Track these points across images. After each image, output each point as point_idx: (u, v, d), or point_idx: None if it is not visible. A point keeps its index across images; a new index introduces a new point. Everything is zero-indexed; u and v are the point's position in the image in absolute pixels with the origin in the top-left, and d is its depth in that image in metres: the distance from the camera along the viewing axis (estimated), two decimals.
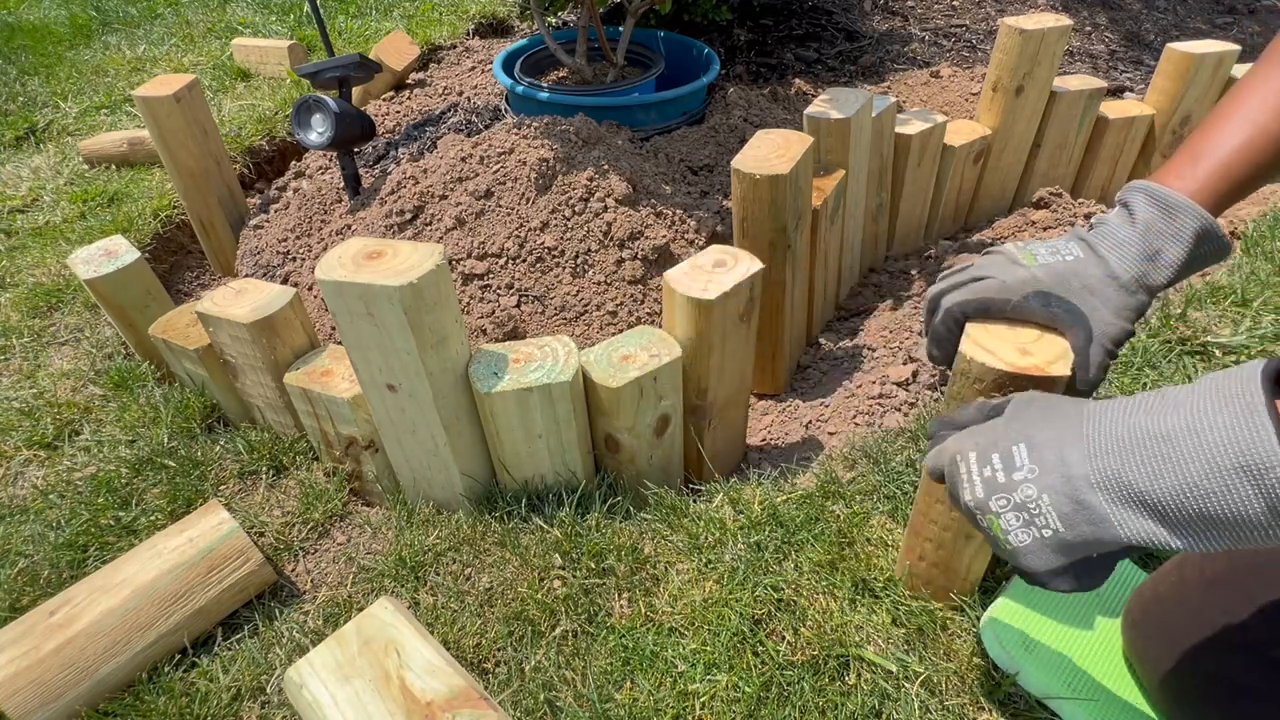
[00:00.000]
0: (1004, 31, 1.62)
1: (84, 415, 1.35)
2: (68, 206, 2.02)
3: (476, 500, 1.10)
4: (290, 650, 0.94)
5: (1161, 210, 0.64)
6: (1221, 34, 2.86)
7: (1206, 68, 1.72)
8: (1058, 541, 0.51)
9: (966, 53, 2.67)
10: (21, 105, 2.67)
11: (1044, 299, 0.66)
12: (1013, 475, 0.53)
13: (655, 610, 0.93)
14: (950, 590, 0.89)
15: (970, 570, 0.86)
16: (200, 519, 1.01)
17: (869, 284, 1.76)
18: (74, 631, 0.88)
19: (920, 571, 0.89)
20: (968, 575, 0.87)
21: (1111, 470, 0.48)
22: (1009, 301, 0.67)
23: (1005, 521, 0.53)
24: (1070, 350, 0.66)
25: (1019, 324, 0.68)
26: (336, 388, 1.07)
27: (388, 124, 2.23)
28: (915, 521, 0.86)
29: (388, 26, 2.97)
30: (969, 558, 0.84)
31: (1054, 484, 0.51)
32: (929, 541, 0.85)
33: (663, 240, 1.50)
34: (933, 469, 0.61)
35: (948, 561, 0.85)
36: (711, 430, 1.16)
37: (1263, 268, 1.53)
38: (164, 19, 3.46)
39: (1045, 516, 0.51)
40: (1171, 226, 0.63)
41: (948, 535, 0.82)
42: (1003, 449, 0.54)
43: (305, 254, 1.67)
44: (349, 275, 0.85)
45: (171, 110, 1.64)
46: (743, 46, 2.65)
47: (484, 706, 0.77)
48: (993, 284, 0.68)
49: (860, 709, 0.81)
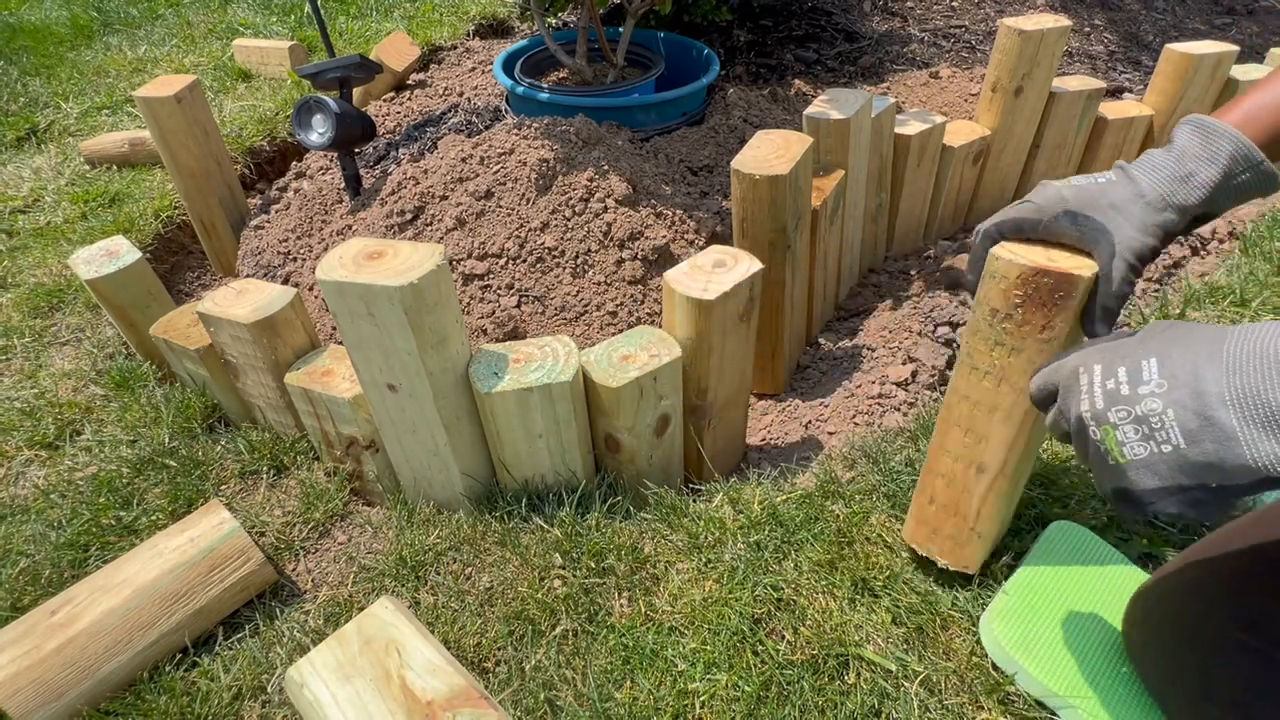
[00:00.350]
0: (1003, 32, 1.63)
1: (85, 415, 1.36)
2: (69, 207, 2.02)
3: (477, 500, 1.10)
4: (291, 649, 0.94)
5: (1200, 135, 0.67)
6: (1220, 35, 2.87)
7: (1205, 68, 1.72)
8: (1177, 458, 0.49)
9: (966, 53, 2.68)
10: (23, 106, 2.67)
11: (1072, 218, 0.68)
12: (1138, 389, 0.51)
13: (655, 609, 0.93)
14: (958, 543, 0.90)
15: (979, 515, 0.87)
16: (201, 519, 1.01)
17: (868, 284, 1.77)
18: (75, 631, 0.89)
19: (929, 518, 0.91)
20: (976, 521, 0.87)
21: (1250, 387, 0.46)
22: (1040, 221, 0.70)
23: (1122, 433, 0.51)
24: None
25: (1052, 245, 0.71)
26: (337, 388, 1.07)
27: (388, 124, 2.24)
28: (930, 458, 0.88)
29: (388, 27, 2.98)
30: (979, 497, 0.85)
31: (1182, 399, 0.49)
32: (940, 477, 0.87)
33: (663, 240, 1.50)
34: (1041, 386, 0.61)
35: (957, 502, 0.87)
36: (711, 430, 1.16)
37: (1261, 268, 1.53)
38: (165, 20, 3.47)
39: (1168, 431, 0.49)
40: (1207, 149, 0.66)
41: (959, 467, 0.85)
42: (1131, 363, 0.53)
43: (306, 254, 1.68)
44: (350, 275, 0.85)
45: (173, 111, 1.64)
46: (742, 47, 2.66)
47: (484, 706, 0.77)
48: (1028, 206, 0.72)
49: (860, 708, 0.81)
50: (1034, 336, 0.72)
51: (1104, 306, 0.68)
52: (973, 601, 0.91)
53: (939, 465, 0.87)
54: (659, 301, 1.49)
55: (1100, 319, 0.69)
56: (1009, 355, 0.74)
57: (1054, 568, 0.92)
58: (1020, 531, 1.01)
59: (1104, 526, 1.02)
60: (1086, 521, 1.02)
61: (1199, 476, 0.49)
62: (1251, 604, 0.67)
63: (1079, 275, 0.67)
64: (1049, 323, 0.70)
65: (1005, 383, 0.76)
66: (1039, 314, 0.70)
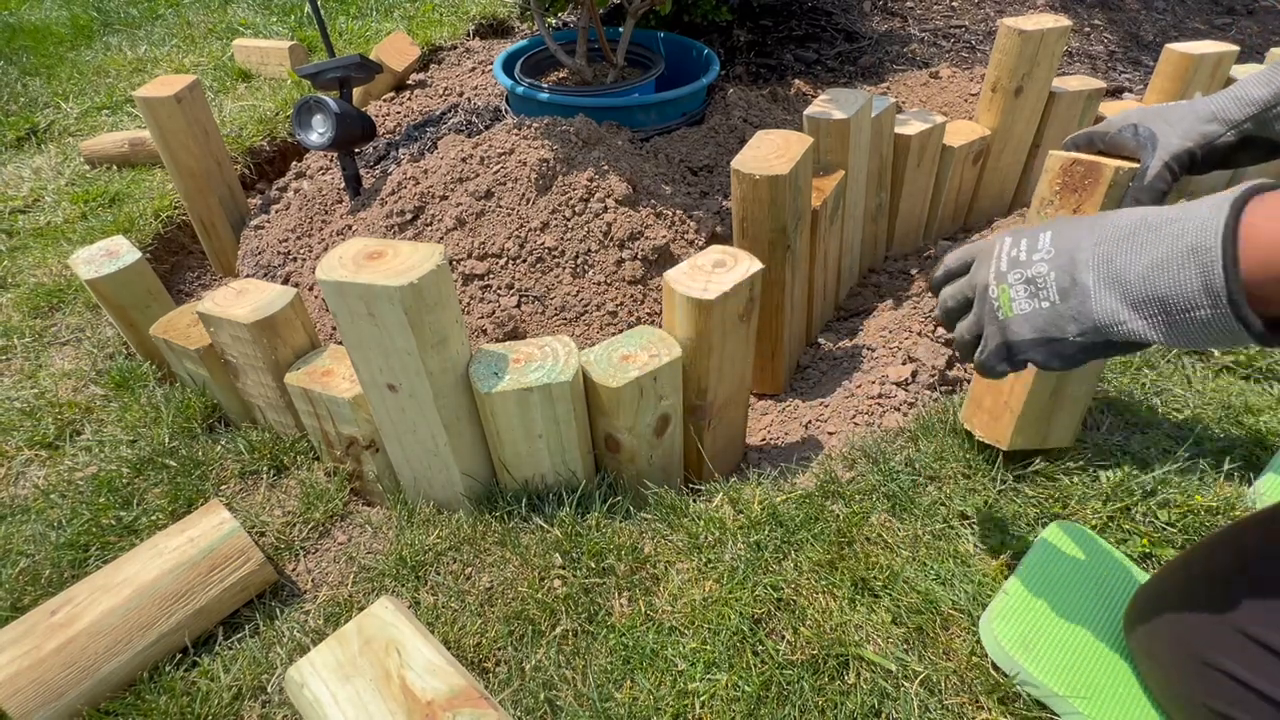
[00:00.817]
0: (1003, 32, 1.63)
1: (85, 415, 1.36)
2: (69, 207, 2.02)
3: (477, 500, 1.10)
4: (291, 649, 0.94)
5: (1270, 67, 0.76)
6: (1220, 35, 2.87)
7: (1205, 68, 1.72)
8: (1051, 313, 0.59)
9: (966, 53, 2.68)
10: (23, 106, 2.68)
11: (1133, 129, 0.79)
12: (1033, 256, 0.61)
13: (655, 609, 0.93)
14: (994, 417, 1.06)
15: (1012, 391, 1.03)
16: (201, 519, 1.01)
17: (868, 284, 1.77)
18: (75, 631, 0.89)
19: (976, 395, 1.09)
20: (1009, 397, 1.03)
21: (1106, 254, 0.55)
22: (1107, 133, 0.82)
23: (1015, 291, 0.62)
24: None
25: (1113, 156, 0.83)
26: (337, 388, 1.07)
27: (388, 124, 2.24)
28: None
29: (388, 27, 2.98)
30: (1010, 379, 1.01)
31: (1062, 263, 0.58)
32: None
33: (663, 240, 1.50)
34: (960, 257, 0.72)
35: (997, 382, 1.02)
36: (711, 430, 1.16)
37: None
38: (165, 20, 3.47)
39: (1048, 290, 0.59)
40: (1266, 74, 0.75)
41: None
42: (1032, 237, 0.63)
43: (306, 254, 1.68)
44: (350, 275, 0.85)
45: (173, 111, 1.64)
46: (742, 47, 2.66)
47: (484, 706, 0.77)
48: (1100, 124, 0.84)
49: (860, 708, 0.81)
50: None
51: (1135, 199, 0.78)
52: (973, 601, 0.91)
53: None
54: (659, 301, 1.49)
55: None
56: None
57: (1054, 567, 0.92)
58: (1021, 531, 1.01)
59: (1104, 526, 1.02)
60: (1086, 521, 1.02)
61: (1064, 330, 0.59)
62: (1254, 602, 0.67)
63: (1105, 164, 0.80)
64: (1079, 207, 0.83)
65: None
66: (1072, 198, 0.83)
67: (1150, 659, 0.78)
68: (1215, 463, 1.10)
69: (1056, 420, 1.07)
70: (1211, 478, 1.08)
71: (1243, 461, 1.11)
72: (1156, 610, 0.78)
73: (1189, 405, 1.23)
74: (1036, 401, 1.03)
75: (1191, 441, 1.14)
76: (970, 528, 1.02)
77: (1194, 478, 1.08)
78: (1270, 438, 1.16)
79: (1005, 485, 1.07)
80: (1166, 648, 0.75)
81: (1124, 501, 1.04)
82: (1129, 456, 1.12)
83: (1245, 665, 0.66)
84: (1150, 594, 0.80)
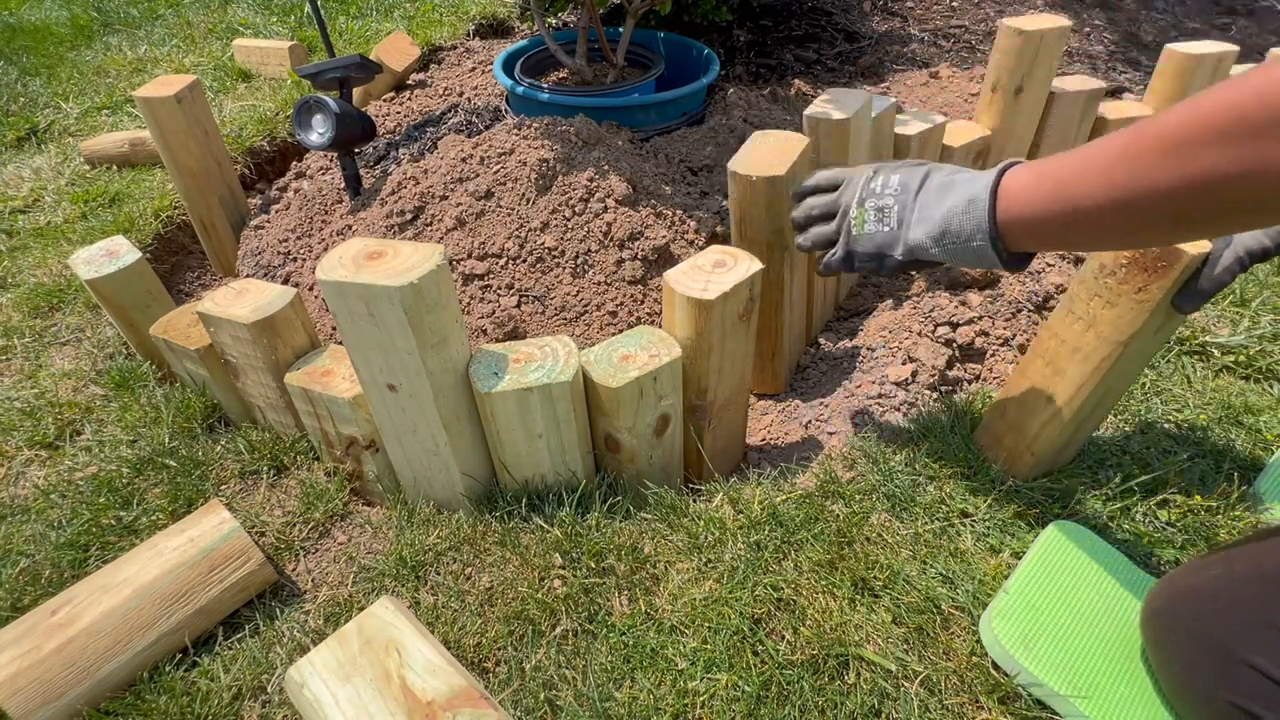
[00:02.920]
0: (1003, 32, 1.63)
1: (85, 415, 1.36)
2: (69, 207, 2.02)
3: (477, 500, 1.10)
4: (291, 649, 0.94)
5: None
6: (1220, 35, 2.87)
7: (1205, 68, 1.72)
8: (889, 236, 0.81)
9: (965, 53, 2.68)
10: (23, 106, 2.67)
11: None
12: (886, 190, 0.82)
13: (655, 609, 0.93)
14: (1014, 456, 1.08)
15: (1037, 439, 1.04)
16: (201, 519, 1.01)
17: (869, 284, 1.76)
18: (75, 631, 0.89)
19: (998, 432, 1.10)
20: (1034, 444, 1.04)
21: (924, 200, 0.77)
22: None
23: (867, 214, 0.83)
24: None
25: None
26: (337, 388, 1.07)
27: (388, 124, 2.24)
28: (1011, 381, 1.07)
29: (388, 27, 2.98)
30: (1039, 424, 1.03)
31: (905, 200, 0.79)
32: (1015, 400, 1.05)
33: (663, 240, 1.50)
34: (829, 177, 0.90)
35: (1022, 423, 1.05)
36: (711, 430, 1.16)
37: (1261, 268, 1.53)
38: (165, 20, 3.47)
39: (891, 219, 0.80)
40: None
41: (1033, 394, 1.02)
42: (888, 173, 0.83)
43: (306, 254, 1.67)
44: (350, 275, 0.85)
45: (173, 111, 1.64)
46: (742, 47, 2.66)
47: (485, 706, 0.77)
48: None
49: (860, 708, 0.81)
50: (1130, 295, 0.85)
51: (1202, 289, 0.80)
52: (973, 601, 0.91)
53: (1017, 388, 1.04)
54: (659, 301, 1.49)
55: (1195, 297, 0.80)
56: (1103, 307, 0.88)
57: (1054, 567, 0.92)
58: (1021, 531, 1.01)
59: (1104, 526, 1.02)
60: (1087, 521, 1.02)
61: (892, 249, 0.81)
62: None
63: (1184, 251, 0.78)
64: (1146, 286, 0.83)
65: (1093, 329, 0.91)
66: (1140, 276, 0.83)
67: (1167, 650, 0.78)
68: (1215, 463, 1.10)
69: (1068, 450, 1.10)
70: (1211, 478, 1.08)
71: (1243, 461, 1.11)
72: (1186, 602, 0.78)
73: (1189, 405, 1.23)
74: (1058, 443, 1.04)
75: (1191, 441, 1.14)
76: (970, 527, 1.02)
77: (1194, 478, 1.08)
78: (1270, 438, 1.16)
79: (1005, 485, 1.07)
80: (1190, 640, 0.75)
81: (1124, 501, 1.05)
82: (1129, 456, 1.12)
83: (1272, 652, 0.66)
84: (1179, 587, 0.80)
